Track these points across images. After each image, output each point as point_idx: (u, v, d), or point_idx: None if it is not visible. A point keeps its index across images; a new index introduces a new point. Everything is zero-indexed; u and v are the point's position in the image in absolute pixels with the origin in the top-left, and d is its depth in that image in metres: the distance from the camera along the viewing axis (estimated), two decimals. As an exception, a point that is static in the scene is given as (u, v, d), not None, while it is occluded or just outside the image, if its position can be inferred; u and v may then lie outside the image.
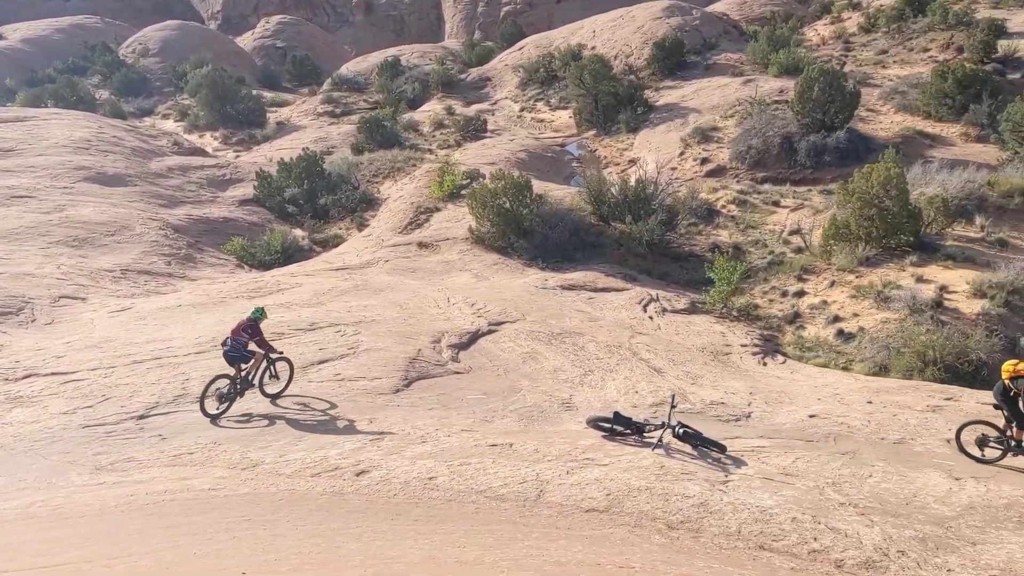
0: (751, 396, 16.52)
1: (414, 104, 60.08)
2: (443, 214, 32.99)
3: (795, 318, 23.19)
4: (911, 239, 25.07)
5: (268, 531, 9.03)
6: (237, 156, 49.12)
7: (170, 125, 58.88)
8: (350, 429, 13.53)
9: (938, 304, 21.70)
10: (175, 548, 8.53)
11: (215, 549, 8.39)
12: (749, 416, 15.30)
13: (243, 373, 14.65)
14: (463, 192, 33.20)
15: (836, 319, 22.48)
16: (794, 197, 32.09)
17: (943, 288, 22.44)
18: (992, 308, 21.27)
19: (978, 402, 16.34)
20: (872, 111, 39.52)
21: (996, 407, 13.10)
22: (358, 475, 11.42)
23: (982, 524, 10.26)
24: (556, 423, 14.36)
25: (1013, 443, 12.71)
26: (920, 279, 23.15)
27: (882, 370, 19.87)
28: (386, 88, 62.03)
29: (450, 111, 54.55)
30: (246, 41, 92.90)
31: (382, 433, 13.19)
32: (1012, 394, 12.64)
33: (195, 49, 76.34)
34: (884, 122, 38.75)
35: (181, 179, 39.60)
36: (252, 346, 14.72)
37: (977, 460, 12.78)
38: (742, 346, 20.96)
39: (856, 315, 22.39)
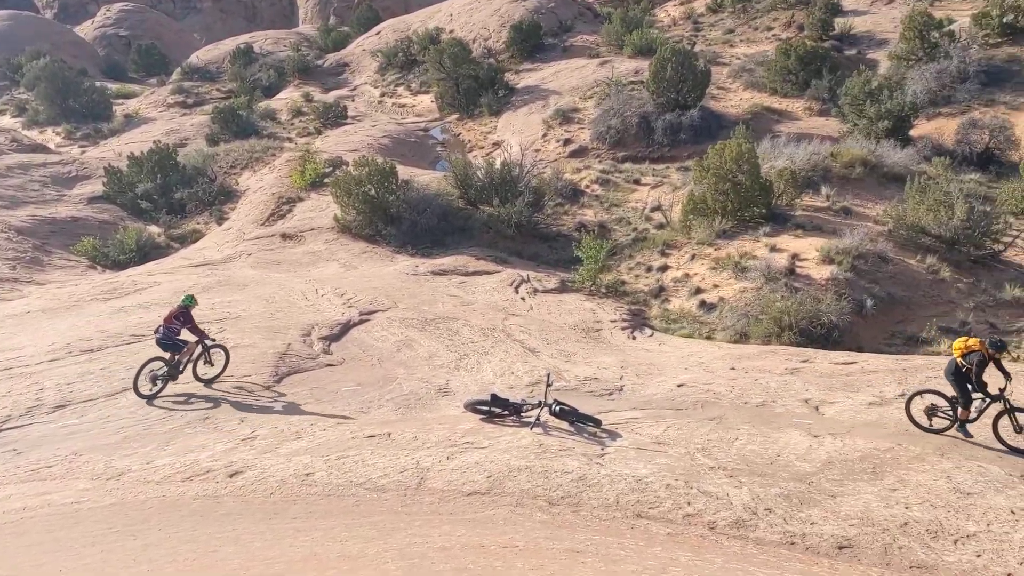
0: (623, 370, 16.95)
1: (270, 92, 58.42)
2: (307, 204, 32.28)
3: (660, 292, 23.93)
4: (764, 211, 26.24)
5: (139, 541, 8.65)
6: (83, 152, 46.52)
7: (7, 121, 55.16)
8: (220, 429, 13.11)
9: (791, 272, 22.82)
10: (38, 567, 8.05)
11: (82, 564, 7.97)
12: (621, 389, 15.70)
13: (176, 360, 14.87)
14: (326, 180, 32.59)
15: (698, 291, 23.33)
16: (654, 175, 33.03)
17: (795, 256, 23.61)
18: (840, 273, 22.52)
19: (831, 363, 17.32)
20: (723, 89, 41.06)
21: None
22: (232, 476, 11.07)
23: (840, 477, 10.88)
24: (434, 409, 14.34)
25: (958, 423, 12.61)
26: (774, 249, 24.28)
27: (743, 337, 20.75)
28: (240, 76, 60.05)
29: (308, 98, 53.35)
30: (86, 31, 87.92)
31: (255, 432, 12.84)
32: (964, 370, 12.49)
33: (30, 40, 71.80)
34: (734, 99, 40.34)
35: (22, 178, 37.22)
36: (185, 334, 15.01)
37: (925, 429, 12.75)
38: (612, 322, 21.46)
39: (716, 286, 23.27)
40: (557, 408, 12.62)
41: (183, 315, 14.99)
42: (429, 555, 7.80)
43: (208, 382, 15.29)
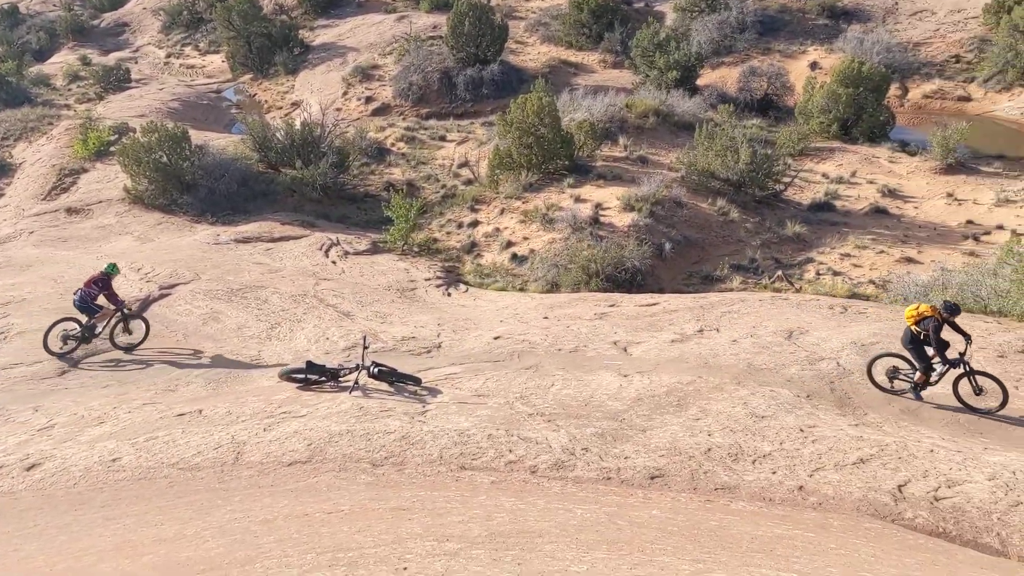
0: (439, 327, 17.03)
1: (41, 56, 53.58)
2: (93, 175, 30.09)
3: (472, 248, 24.14)
4: (567, 163, 26.92)
5: (-78, 553, 7.89)
6: None
7: None
8: (12, 421, 12.12)
9: (595, 221, 23.61)
10: None
11: None
12: (439, 346, 15.78)
13: (90, 323, 15.26)
14: (112, 149, 30.44)
15: (509, 244, 23.72)
16: (459, 131, 33.09)
17: (598, 206, 24.42)
18: (640, 219, 23.52)
19: (636, 305, 18.14)
20: (521, 43, 41.56)
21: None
22: (29, 470, 10.29)
23: (649, 412, 11.48)
24: (247, 382, 13.87)
25: (913, 386, 12.58)
26: (578, 200, 25.00)
27: (554, 287, 21.33)
28: (5, 40, 54.69)
29: (86, 61, 49.39)
30: None
31: (51, 420, 11.97)
32: (922, 336, 12.33)
33: None
34: (532, 53, 40.96)
35: None
36: (102, 300, 15.32)
37: (887, 391, 12.71)
38: (426, 280, 21.46)
39: (526, 239, 23.75)
40: (375, 370, 12.53)
41: (102, 281, 15.31)
42: (251, 529, 7.59)
43: (127, 350, 15.48)
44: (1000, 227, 23.80)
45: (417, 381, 12.63)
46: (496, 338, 15.95)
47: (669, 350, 14.75)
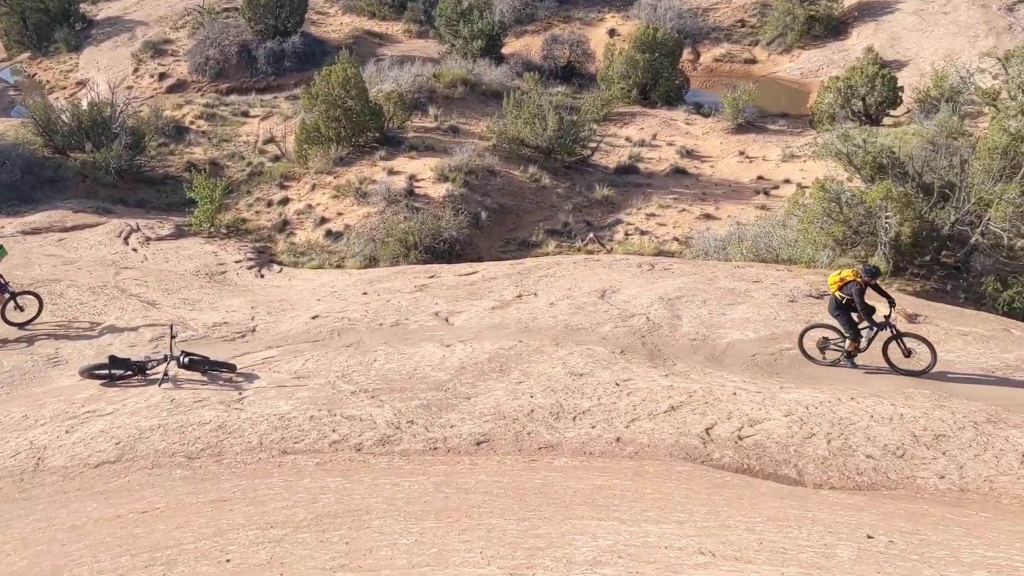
0: (253, 310, 16.46)
1: None
2: None
3: (284, 226, 23.46)
4: (377, 135, 26.57)
5: None
6: None
7: None
8: None
9: (411, 193, 23.49)
10: None
11: None
12: (254, 330, 15.26)
13: None
14: None
15: (323, 220, 23.21)
16: (262, 106, 31.90)
17: (412, 177, 24.30)
18: (455, 189, 23.61)
19: (456, 275, 18.25)
20: (321, 14, 40.49)
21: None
22: None
23: (473, 380, 11.60)
24: (44, 383, 12.92)
25: (845, 354, 12.59)
26: (391, 172, 24.77)
27: (372, 261, 21.11)
28: None
29: None
30: None
31: None
32: (845, 302, 12.38)
33: None
34: (334, 24, 40.01)
35: None
36: None
37: (819, 363, 12.71)
38: (236, 262, 20.68)
39: (340, 214, 23.32)
40: (186, 359, 11.97)
41: None
42: (58, 538, 7.12)
43: (21, 325, 15.23)
44: (787, 181, 25.59)
45: (232, 368, 12.18)
46: (314, 317, 15.60)
47: (490, 317, 14.95)
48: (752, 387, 11.30)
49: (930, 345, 12.13)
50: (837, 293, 12.42)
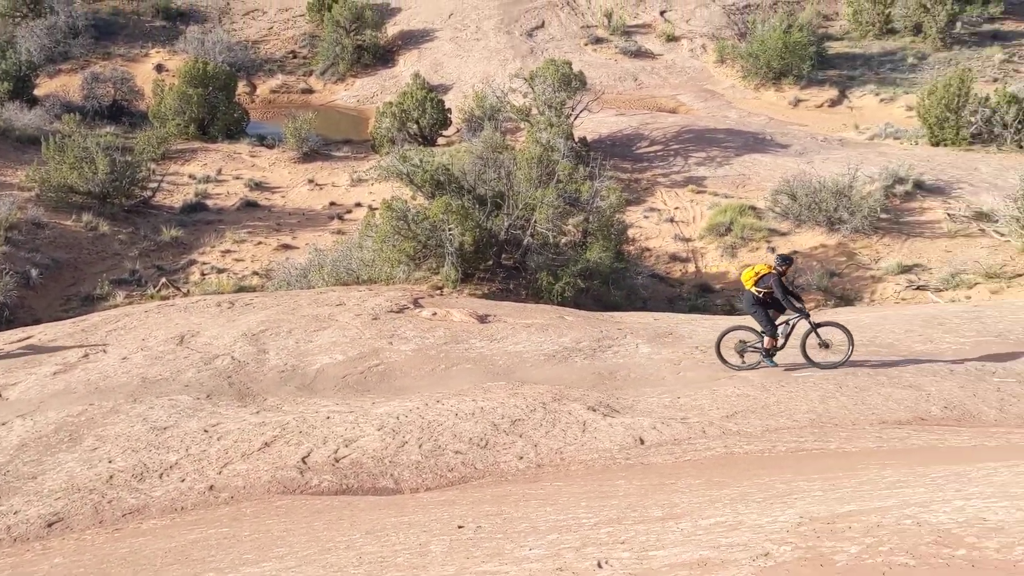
0: None
1: None
2: None
3: None
4: None
5: None
6: None
7: None
8: None
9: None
10: None
11: None
12: None
13: None
14: None
15: None
16: None
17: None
18: (-6, 249, 20.91)
19: (6, 343, 16.11)
20: None
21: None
22: None
23: (38, 456, 10.33)
24: None
25: (763, 353, 12.35)
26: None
27: None
28: None
29: None
30: None
31: None
32: (763, 296, 12.08)
33: None
34: None
35: None
36: None
37: (739, 368, 12.39)
38: None
39: None
40: None
41: None
42: None
43: None
44: (359, 204, 26.37)
45: None
46: None
47: (53, 383, 13.41)
48: (345, 408, 11.46)
49: (847, 331, 12.08)
50: (754, 289, 12.23)
